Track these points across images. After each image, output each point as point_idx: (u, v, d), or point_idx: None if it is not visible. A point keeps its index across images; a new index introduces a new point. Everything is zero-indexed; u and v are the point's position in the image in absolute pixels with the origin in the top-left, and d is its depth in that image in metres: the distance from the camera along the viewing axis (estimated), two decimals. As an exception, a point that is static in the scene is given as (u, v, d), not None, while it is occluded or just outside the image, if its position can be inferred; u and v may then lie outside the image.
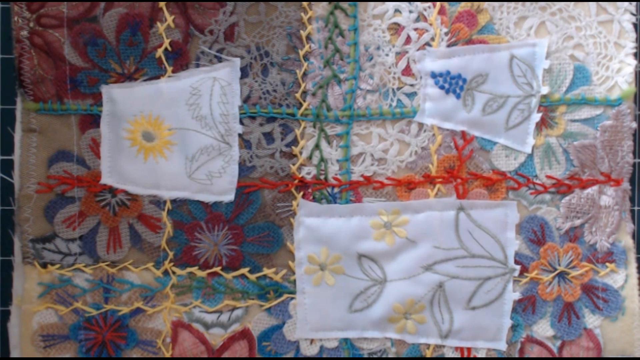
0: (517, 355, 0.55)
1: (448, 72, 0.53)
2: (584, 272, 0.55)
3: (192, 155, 0.52)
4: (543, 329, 0.55)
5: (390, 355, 0.55)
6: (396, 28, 0.53)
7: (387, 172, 0.54)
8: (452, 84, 0.53)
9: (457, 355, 0.55)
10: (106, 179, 0.52)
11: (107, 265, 0.53)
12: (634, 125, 0.55)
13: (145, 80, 0.52)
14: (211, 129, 0.52)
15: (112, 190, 0.52)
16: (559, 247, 0.55)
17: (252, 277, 0.54)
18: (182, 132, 0.52)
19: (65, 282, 0.52)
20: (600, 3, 0.54)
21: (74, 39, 0.51)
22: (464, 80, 0.53)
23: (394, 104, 0.54)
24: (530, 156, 0.54)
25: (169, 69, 0.52)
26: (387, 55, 0.53)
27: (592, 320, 0.55)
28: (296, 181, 0.53)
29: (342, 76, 0.53)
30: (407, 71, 0.54)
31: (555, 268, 0.55)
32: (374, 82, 0.53)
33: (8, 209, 0.53)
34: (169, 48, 0.52)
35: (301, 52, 0.53)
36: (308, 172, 0.54)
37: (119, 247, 0.53)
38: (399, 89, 0.54)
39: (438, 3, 0.53)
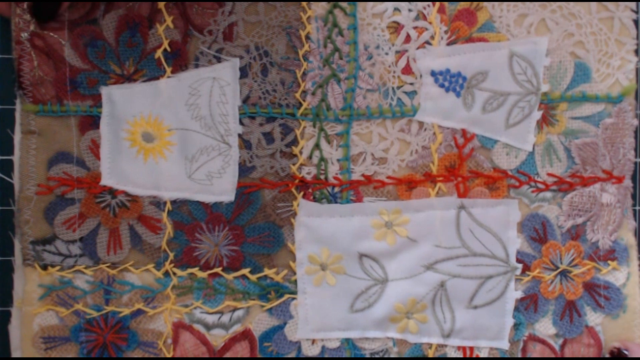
0: (519, 354, 0.55)
1: (448, 71, 0.53)
2: (585, 270, 0.55)
3: (192, 156, 0.52)
4: (545, 327, 0.55)
5: (392, 355, 0.54)
6: (395, 27, 0.53)
7: (387, 171, 0.54)
8: (452, 82, 0.53)
9: (460, 354, 0.54)
10: (106, 180, 0.52)
11: (107, 266, 0.53)
12: (636, 122, 0.54)
13: (144, 81, 0.52)
14: (211, 129, 0.52)
15: (112, 192, 0.52)
16: (560, 245, 0.54)
17: (253, 277, 0.54)
18: (182, 133, 0.52)
19: (66, 283, 0.52)
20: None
21: (75, 41, 0.51)
22: (464, 79, 0.53)
23: (394, 102, 0.54)
24: (531, 154, 0.54)
25: (168, 69, 0.52)
26: (386, 54, 0.53)
27: (593, 317, 0.55)
28: (296, 181, 0.53)
29: (341, 75, 0.53)
30: (406, 70, 0.53)
31: (557, 266, 0.55)
32: (374, 81, 0.53)
33: (8, 209, 0.53)
34: (168, 49, 0.52)
35: (300, 52, 0.52)
36: (308, 172, 0.53)
37: (120, 249, 0.53)
38: (398, 87, 0.54)
39: (437, 2, 0.53)
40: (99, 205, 0.52)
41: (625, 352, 0.53)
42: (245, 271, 0.53)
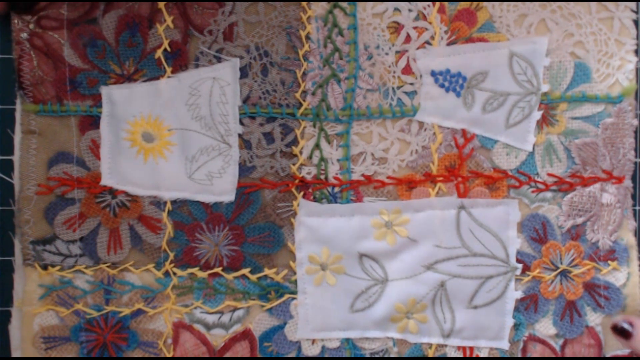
0: (519, 354, 0.55)
1: (448, 71, 0.53)
2: (586, 270, 0.55)
3: (192, 156, 0.52)
4: (545, 327, 0.55)
5: (392, 355, 0.54)
6: (396, 27, 0.53)
7: (387, 171, 0.54)
8: (452, 82, 0.53)
9: (460, 354, 0.54)
10: (106, 180, 0.52)
11: (107, 266, 0.53)
12: (636, 122, 0.54)
13: (144, 81, 0.52)
14: (211, 129, 0.52)
15: (112, 192, 0.52)
16: (560, 245, 0.54)
17: (253, 277, 0.54)
18: (182, 133, 0.52)
19: (66, 283, 0.52)
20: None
21: (74, 41, 0.51)
22: (464, 79, 0.53)
23: (394, 102, 0.54)
24: (531, 154, 0.54)
25: (168, 69, 0.52)
26: (386, 54, 0.53)
27: (593, 317, 0.55)
28: (297, 181, 0.53)
29: (341, 75, 0.53)
30: (407, 70, 0.53)
31: (557, 266, 0.55)
32: (374, 81, 0.53)
33: (8, 209, 0.53)
34: (168, 49, 0.52)
35: (300, 52, 0.52)
36: (308, 172, 0.53)
37: (120, 249, 0.53)
38: (399, 87, 0.54)
39: (437, 2, 0.53)
40: (99, 205, 0.52)
41: (628, 326, 0.52)
42: (246, 271, 0.53)
